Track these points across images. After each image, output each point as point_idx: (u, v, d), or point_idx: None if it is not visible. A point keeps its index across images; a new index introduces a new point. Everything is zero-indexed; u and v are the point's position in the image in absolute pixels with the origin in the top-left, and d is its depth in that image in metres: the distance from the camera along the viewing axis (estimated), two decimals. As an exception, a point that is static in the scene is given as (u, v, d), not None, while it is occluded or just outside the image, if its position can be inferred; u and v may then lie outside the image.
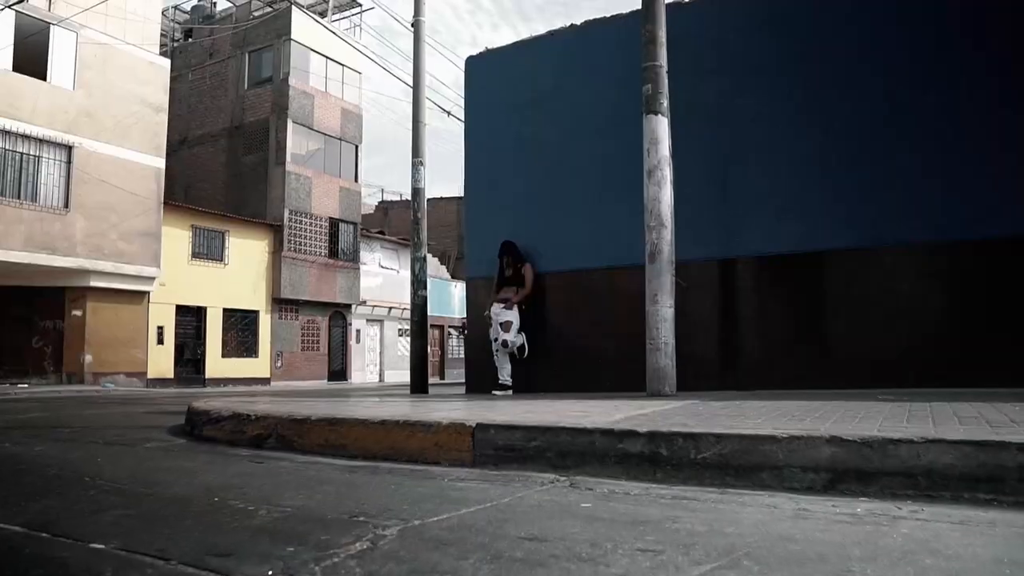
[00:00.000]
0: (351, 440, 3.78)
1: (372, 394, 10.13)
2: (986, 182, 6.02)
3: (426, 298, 10.62)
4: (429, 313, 10.06)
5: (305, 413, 4.14)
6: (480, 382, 8.18)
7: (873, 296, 6.38)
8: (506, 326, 7.63)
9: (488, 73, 8.75)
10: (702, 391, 6.13)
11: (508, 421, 3.39)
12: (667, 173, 6.02)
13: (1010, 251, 5.85)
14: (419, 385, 10.25)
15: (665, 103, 6.10)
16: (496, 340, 7.71)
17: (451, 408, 4.76)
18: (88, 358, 17.57)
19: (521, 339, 7.74)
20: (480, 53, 9.01)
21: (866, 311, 6.39)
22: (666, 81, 6.12)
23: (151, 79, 19.09)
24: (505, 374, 7.69)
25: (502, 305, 7.76)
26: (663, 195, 5.97)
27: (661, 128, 6.06)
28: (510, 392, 7.64)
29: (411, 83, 11.24)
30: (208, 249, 21.27)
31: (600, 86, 7.85)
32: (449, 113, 13.47)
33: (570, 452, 3.08)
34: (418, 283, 10.55)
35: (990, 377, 5.39)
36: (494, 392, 7.54)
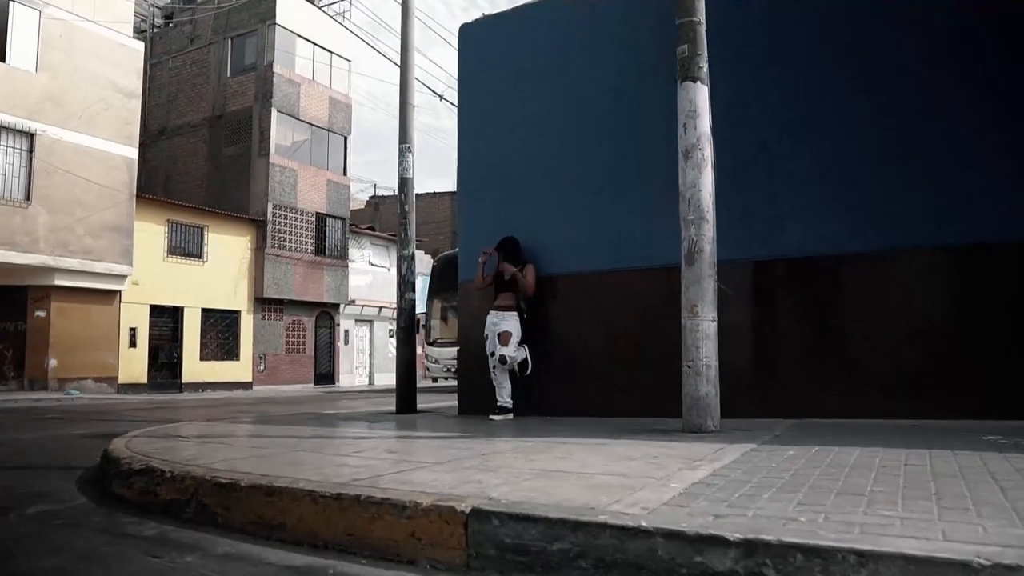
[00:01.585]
0: (293, 520, 2.71)
1: (354, 413, 8.87)
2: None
3: (415, 302, 9.42)
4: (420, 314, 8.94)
5: (236, 475, 3.00)
6: (475, 402, 7.00)
7: (939, 305, 5.21)
8: (504, 338, 6.44)
9: (485, 43, 7.56)
10: (738, 417, 4.95)
11: (519, 506, 2.28)
12: (708, 154, 4.84)
13: None
14: (406, 402, 9.05)
15: (705, 68, 4.94)
16: (493, 355, 6.53)
17: (438, 456, 3.59)
18: (53, 362, 16.32)
19: (523, 354, 6.57)
20: (476, 20, 7.81)
21: (940, 323, 5.23)
22: (705, 41, 4.95)
23: (122, 62, 17.82)
24: (505, 395, 6.51)
25: (500, 313, 6.58)
26: (703, 180, 4.80)
27: (701, 98, 4.89)
28: (510, 416, 6.46)
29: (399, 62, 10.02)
30: (185, 245, 20.03)
31: (617, 56, 6.67)
32: (442, 97, 12.28)
33: (617, 563, 1.98)
34: (405, 284, 9.34)
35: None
36: (491, 417, 6.37)
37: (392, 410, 9.18)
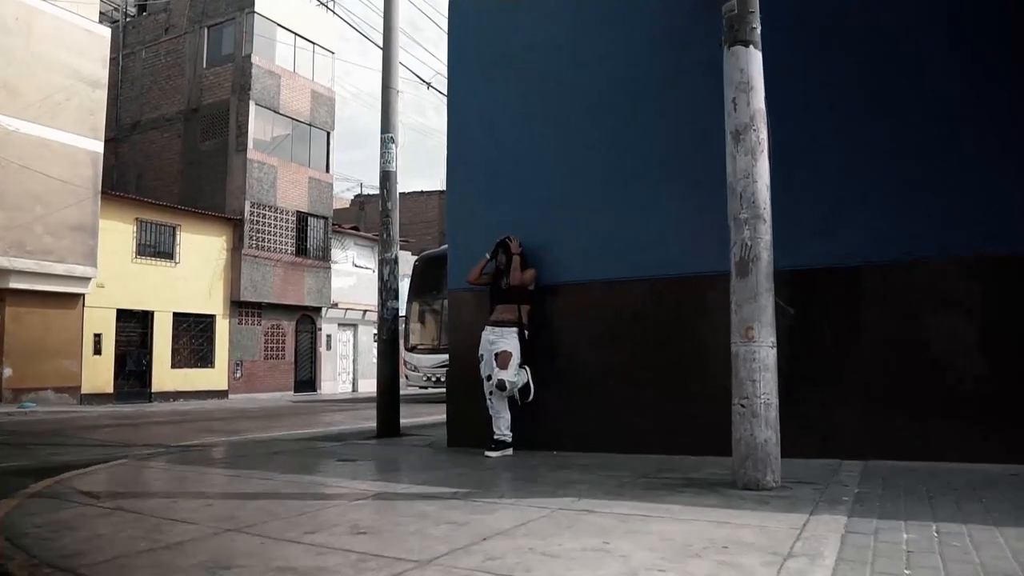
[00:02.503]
0: None
1: (331, 434, 7.76)
2: None
3: (398, 311, 8.40)
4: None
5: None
6: (467, 433, 5.98)
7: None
8: (503, 359, 5.43)
9: (479, 20, 6.54)
10: (788, 456, 3.93)
11: None
12: (764, 136, 3.86)
13: None
14: (388, 424, 8.01)
15: (758, 29, 3.96)
16: (489, 379, 5.51)
17: (422, 543, 2.57)
18: (7, 372, 15.12)
19: (524, 377, 5.55)
20: (468, -10, 6.78)
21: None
22: (757, -2, 3.97)
23: (87, 49, 16.64)
24: (503, 426, 5.50)
25: (498, 329, 5.57)
26: (759, 168, 3.82)
27: (754, 66, 3.91)
28: (509, 451, 5.46)
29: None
30: (156, 246, 18.84)
31: (633, 26, 5.67)
32: (429, 85, 11.19)
33: None
34: (387, 291, 8.32)
35: None
36: (488, 454, 5.36)
37: (373, 429, 8.17)
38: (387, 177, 8.47)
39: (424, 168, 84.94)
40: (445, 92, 7.00)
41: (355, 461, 5.23)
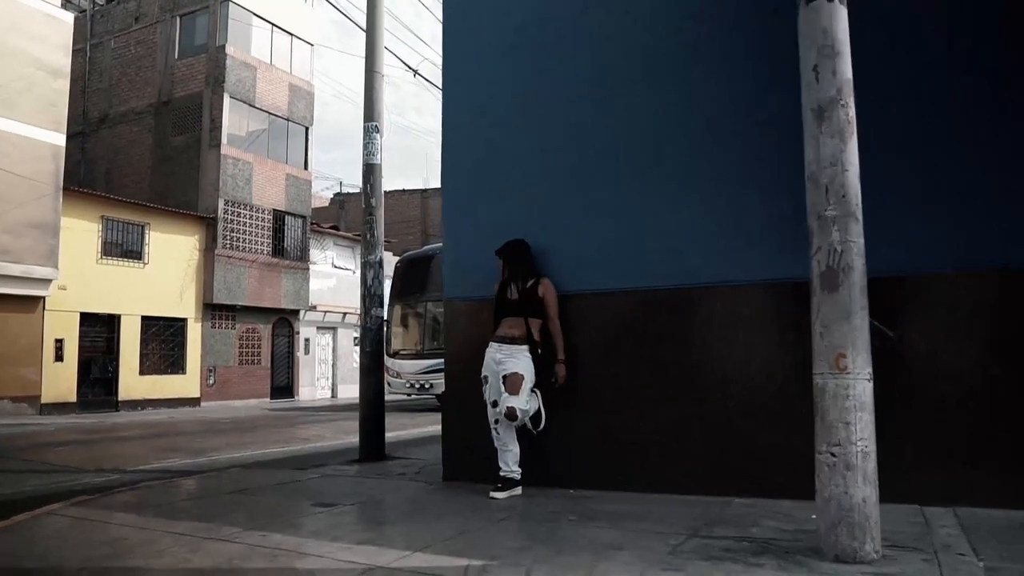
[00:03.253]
0: None
1: (305, 455, 6.83)
2: None
3: (383, 320, 7.55)
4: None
5: None
6: (465, 464, 5.17)
7: None
8: (514, 383, 4.60)
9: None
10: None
11: None
12: (853, 113, 3.08)
13: None
14: (371, 444, 7.17)
15: (842, -19, 3.17)
16: (495, 405, 4.69)
17: None
18: (-41, 381, 14.06)
19: (536, 404, 4.73)
20: (467, -45, 5.94)
21: None
22: (838, -58, 3.19)
23: (48, 36, 15.58)
24: (511, 461, 4.68)
25: (506, 347, 4.75)
26: (848, 154, 3.05)
27: (839, 25, 3.13)
28: (518, 490, 4.64)
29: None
30: (124, 245, 17.79)
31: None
32: (416, 72, 10.34)
33: None
34: (372, 298, 7.46)
35: None
36: (493, 495, 4.53)
37: (355, 446, 7.35)
38: (371, 171, 7.62)
39: (406, 168, 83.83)
40: (431, 80, 6.18)
41: (335, 507, 4.38)
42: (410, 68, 10.22)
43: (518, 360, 4.66)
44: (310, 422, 14.00)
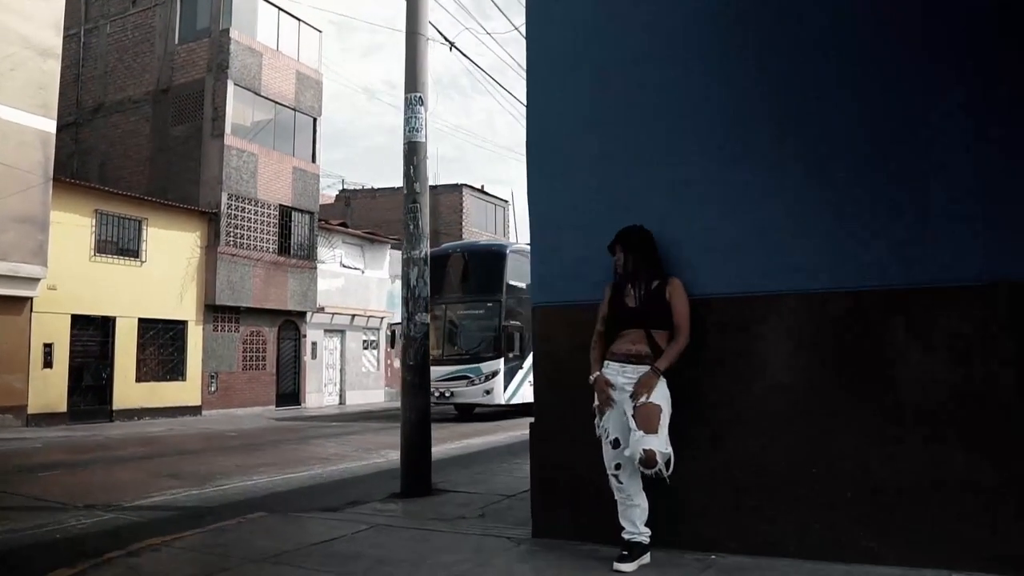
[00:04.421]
0: None
1: (325, 486, 5.51)
2: None
3: (428, 328, 6.33)
4: (388, 313, 5.69)
5: None
6: (565, 517, 3.96)
7: None
8: (647, 418, 3.38)
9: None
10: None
11: None
12: None
13: None
14: (416, 476, 5.94)
15: None
16: (616, 445, 3.49)
17: None
18: (-64, 390, 12.79)
19: (669, 445, 3.49)
20: None
21: None
22: None
23: (36, 13, 14.28)
24: (638, 519, 3.48)
25: (631, 367, 3.54)
26: None
27: None
28: (647, 558, 3.44)
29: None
30: (119, 242, 16.49)
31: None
32: (453, 45, 9.09)
33: None
34: (416, 301, 6.26)
35: None
36: (619, 567, 3.32)
37: (384, 469, 6.14)
38: (414, 150, 6.41)
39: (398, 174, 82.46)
40: (469, 57, 4.93)
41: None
42: (447, 40, 8.97)
43: (654, 387, 3.44)
44: (324, 436, 12.76)
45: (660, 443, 3.34)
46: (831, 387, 3.48)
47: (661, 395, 3.43)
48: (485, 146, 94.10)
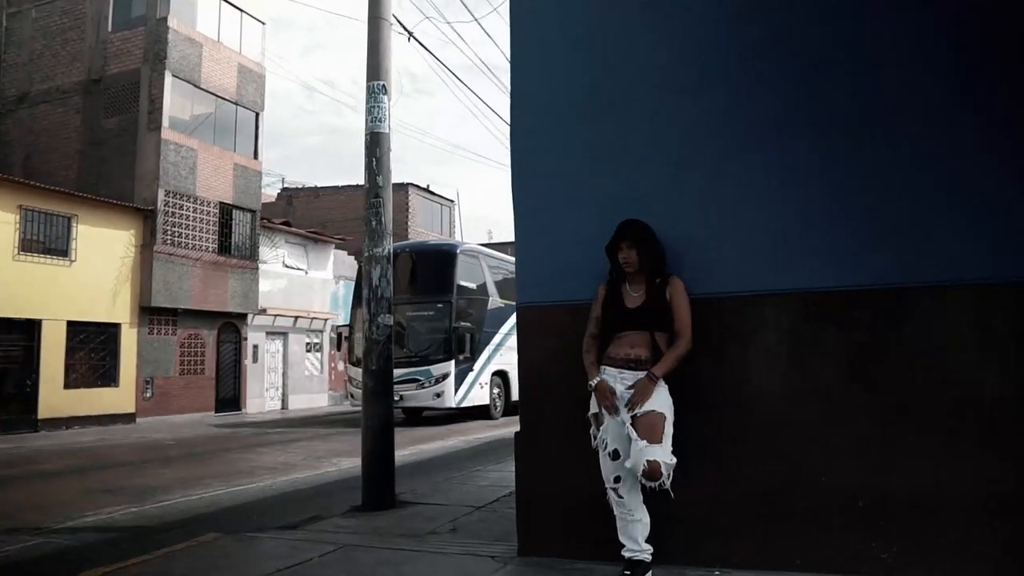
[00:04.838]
0: None
1: (277, 500, 5.08)
2: None
3: (391, 332, 5.96)
4: (332, 315, 5.37)
5: None
6: (551, 532, 3.69)
7: None
8: (651, 427, 3.14)
9: None
10: None
11: None
12: None
13: None
14: (379, 488, 5.58)
15: None
16: (616, 457, 3.23)
17: None
18: None
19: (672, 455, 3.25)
20: None
21: None
22: None
23: (-45, -7, 13.32)
24: (640, 535, 3.23)
25: (631, 374, 3.29)
26: None
27: None
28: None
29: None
30: (46, 240, 15.50)
31: None
32: (411, 35, 8.72)
33: None
34: (378, 301, 5.88)
35: None
36: (619, 591, 3.05)
37: (337, 478, 5.75)
38: (376, 141, 6.05)
39: (345, 168, 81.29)
40: (428, 49, 4.64)
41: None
42: (406, 30, 8.60)
43: (655, 391, 3.19)
44: (269, 443, 12.17)
45: (665, 454, 3.10)
46: (840, 393, 3.30)
47: (664, 402, 3.19)
48: (436, 145, 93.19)
